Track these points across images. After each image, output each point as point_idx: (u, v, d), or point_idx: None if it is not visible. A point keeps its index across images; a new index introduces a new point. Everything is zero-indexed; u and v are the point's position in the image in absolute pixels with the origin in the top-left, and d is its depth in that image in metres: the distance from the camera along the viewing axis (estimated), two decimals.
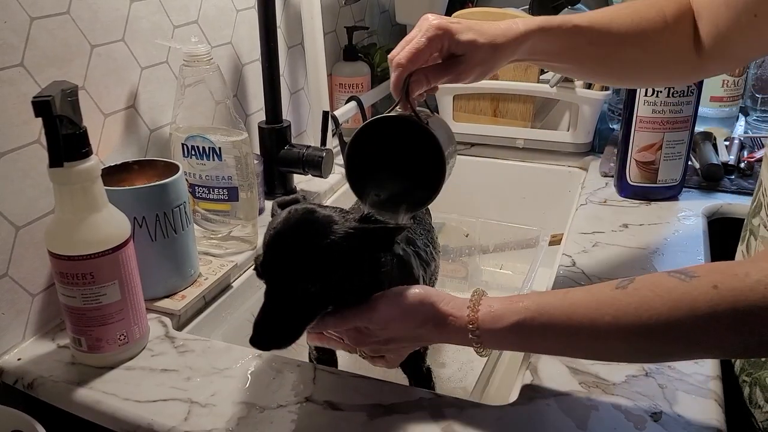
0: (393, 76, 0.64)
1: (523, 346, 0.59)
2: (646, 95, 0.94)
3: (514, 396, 0.63)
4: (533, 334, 0.55)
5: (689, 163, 1.01)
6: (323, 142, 1.07)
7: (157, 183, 0.73)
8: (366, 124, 0.66)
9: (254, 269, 0.58)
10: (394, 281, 0.64)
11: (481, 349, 0.58)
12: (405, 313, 0.59)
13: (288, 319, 0.57)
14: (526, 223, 1.11)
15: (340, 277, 0.57)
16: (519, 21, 0.68)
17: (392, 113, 0.66)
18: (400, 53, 0.64)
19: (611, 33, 0.69)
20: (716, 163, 1.06)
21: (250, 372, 0.66)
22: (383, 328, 0.59)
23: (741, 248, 0.70)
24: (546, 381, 0.63)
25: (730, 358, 0.60)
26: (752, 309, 0.46)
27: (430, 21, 0.64)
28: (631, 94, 0.96)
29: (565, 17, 0.70)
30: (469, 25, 0.66)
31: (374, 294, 0.60)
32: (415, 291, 0.60)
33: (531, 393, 0.61)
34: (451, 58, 0.66)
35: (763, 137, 1.22)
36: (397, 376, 0.71)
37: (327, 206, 0.61)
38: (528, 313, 0.55)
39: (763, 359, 0.63)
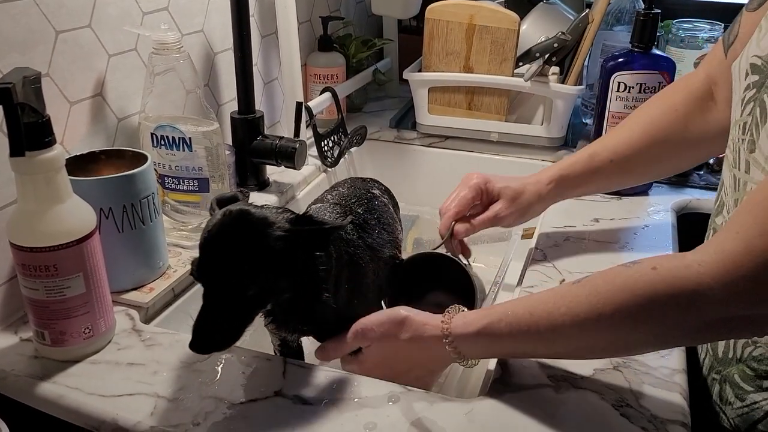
0: (441, 220, 0.80)
1: (494, 349, 0.61)
2: (618, 91, 0.95)
3: (483, 390, 0.63)
4: (501, 334, 0.58)
5: None
6: (297, 133, 1.06)
7: (125, 173, 0.71)
8: (418, 255, 0.80)
9: (190, 273, 0.58)
10: (341, 278, 0.65)
11: (461, 359, 0.61)
12: (381, 326, 0.63)
13: (227, 321, 0.57)
14: None
15: (277, 278, 0.58)
16: (542, 177, 0.82)
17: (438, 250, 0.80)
18: (446, 203, 0.81)
19: (632, 158, 0.79)
20: None
21: (218, 366, 0.65)
22: (367, 345, 0.64)
23: None
24: (515, 375, 0.63)
25: (682, 345, 0.62)
26: (687, 285, 0.48)
27: (473, 180, 0.81)
28: (604, 90, 0.97)
29: (575, 154, 0.83)
30: (497, 175, 0.82)
31: (313, 292, 0.63)
32: (392, 309, 0.65)
33: (500, 387, 0.62)
34: (491, 203, 0.81)
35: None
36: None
37: (264, 206, 0.61)
38: (496, 316, 0.58)
39: (730, 356, 0.65)
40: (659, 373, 0.63)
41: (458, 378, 0.76)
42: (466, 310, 0.62)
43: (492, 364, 0.66)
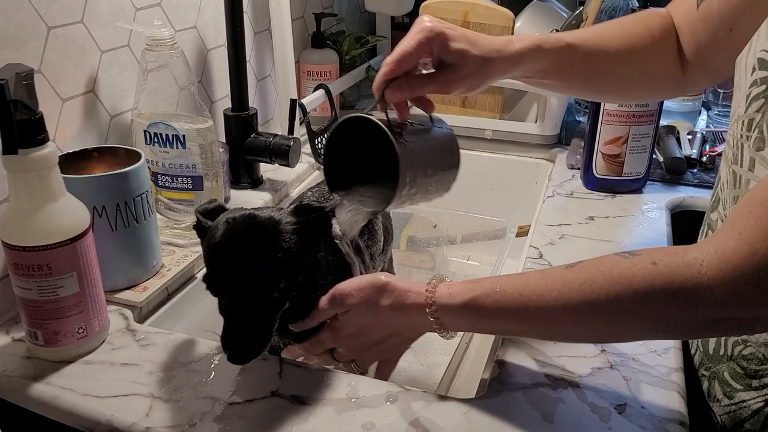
0: (377, 75, 0.62)
1: (479, 324, 0.60)
2: None
3: (481, 390, 0.63)
4: (488, 310, 0.57)
5: (653, 156, 1.02)
6: (291, 130, 1.05)
7: (118, 171, 0.71)
8: (345, 121, 0.62)
9: (207, 289, 0.57)
10: (329, 268, 0.65)
11: (442, 331, 0.60)
12: (362, 291, 0.61)
13: (256, 328, 0.57)
14: (493, 214, 1.11)
15: (296, 273, 0.58)
16: (515, 40, 0.67)
17: (371, 113, 0.61)
18: (390, 54, 0.61)
19: (602, 50, 0.70)
20: (679, 156, 1.07)
21: (214, 366, 0.64)
22: (347, 311, 0.61)
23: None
24: (513, 374, 0.63)
25: (673, 338, 0.62)
26: (686, 284, 0.48)
27: (423, 23, 0.61)
28: None
29: (558, 36, 0.70)
30: (464, 33, 0.63)
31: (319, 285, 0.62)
32: (373, 275, 0.62)
33: (498, 386, 0.62)
34: (441, 66, 0.63)
35: (724, 131, 1.24)
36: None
37: (260, 208, 0.61)
38: (482, 290, 0.57)
39: (720, 353, 0.65)
40: (657, 372, 0.63)
41: (456, 378, 0.76)
42: (449, 279, 0.61)
43: (490, 363, 0.66)
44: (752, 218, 0.47)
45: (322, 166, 0.66)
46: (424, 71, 0.64)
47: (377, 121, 0.60)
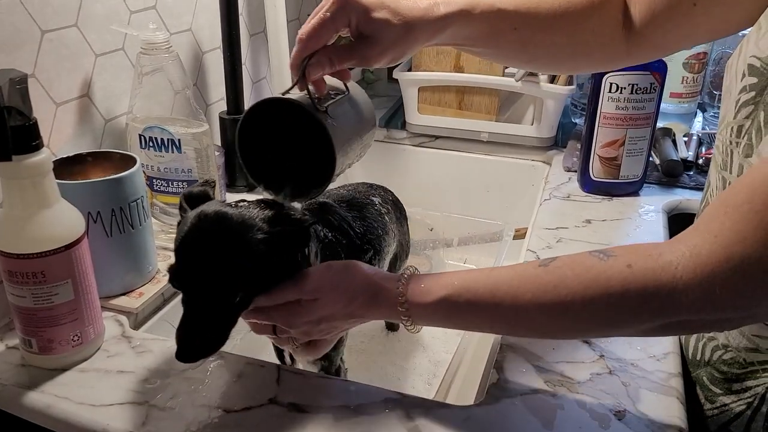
0: (293, 53, 0.58)
1: (450, 322, 0.59)
2: (610, 92, 0.95)
3: (480, 395, 0.63)
4: (459, 308, 0.56)
5: (650, 158, 1.02)
6: None
7: (114, 176, 0.70)
8: (256, 105, 0.60)
9: (169, 281, 0.56)
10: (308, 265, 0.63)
11: (410, 325, 0.58)
12: (336, 284, 0.58)
13: (212, 327, 0.56)
14: (489, 217, 1.11)
15: (260, 281, 0.56)
16: (441, 3, 0.61)
17: (289, 94, 0.58)
18: (304, 26, 0.57)
19: (537, 17, 0.65)
20: (676, 159, 1.07)
21: (211, 373, 0.64)
22: (315, 299, 0.58)
23: None
24: (511, 380, 0.63)
25: (640, 336, 0.61)
26: (662, 289, 0.47)
27: None
28: (596, 91, 0.96)
29: (488, 0, 0.64)
30: (383, 2, 0.57)
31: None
32: (346, 263, 0.60)
33: (497, 392, 0.61)
34: (361, 38, 0.58)
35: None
36: (363, 377, 0.71)
37: (237, 204, 0.58)
38: (454, 289, 0.55)
39: (698, 358, 0.65)
40: (655, 377, 0.63)
41: (456, 384, 0.75)
42: (419, 271, 0.60)
43: (488, 368, 0.66)
44: (727, 221, 0.46)
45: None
46: (343, 39, 0.60)
47: (299, 102, 0.57)
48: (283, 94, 0.59)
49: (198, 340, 0.55)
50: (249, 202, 0.59)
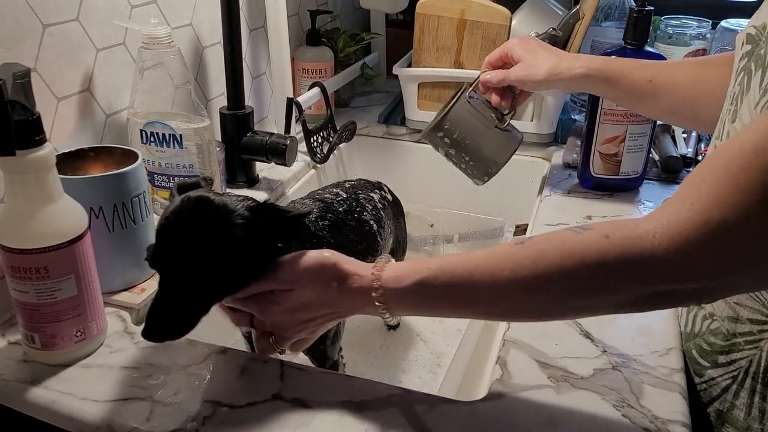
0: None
1: (427, 307, 0.57)
2: None
3: (483, 391, 0.63)
4: (436, 292, 0.55)
5: (650, 155, 1.02)
6: (287, 129, 1.04)
7: (116, 171, 0.70)
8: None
9: (145, 259, 0.56)
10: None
11: (386, 314, 0.57)
12: (308, 271, 0.58)
13: (182, 310, 0.56)
14: (490, 213, 1.11)
15: (236, 268, 0.56)
16: (573, 63, 0.81)
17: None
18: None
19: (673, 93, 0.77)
20: (675, 155, 1.08)
21: (214, 368, 0.64)
22: (289, 288, 0.58)
23: None
24: (515, 376, 0.63)
25: (624, 312, 0.59)
26: (640, 257, 0.47)
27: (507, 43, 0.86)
28: None
29: (628, 68, 0.80)
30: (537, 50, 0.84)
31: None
32: (319, 251, 0.59)
33: (501, 388, 0.61)
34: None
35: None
36: (366, 372, 0.71)
37: (225, 194, 0.59)
38: (431, 272, 0.55)
39: (688, 330, 0.66)
40: (658, 373, 0.63)
41: (459, 379, 0.75)
42: (393, 260, 0.59)
43: (491, 364, 0.66)
44: (704, 187, 0.46)
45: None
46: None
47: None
48: (458, 95, 0.89)
49: (167, 321, 0.56)
50: (240, 195, 0.60)
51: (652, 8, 0.93)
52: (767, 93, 0.52)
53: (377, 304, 0.56)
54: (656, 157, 1.11)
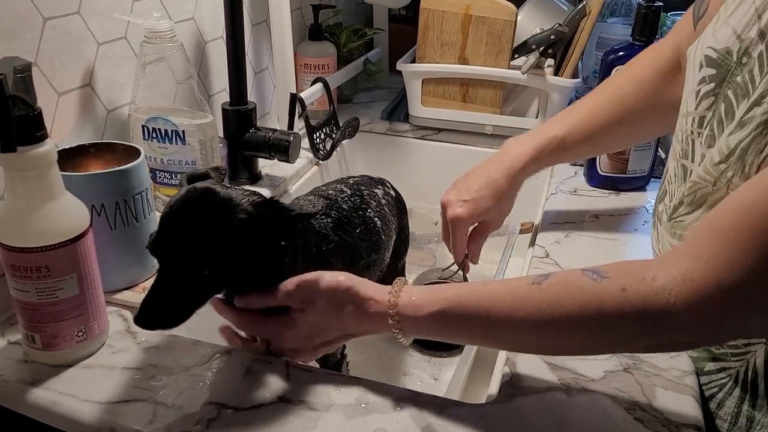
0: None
1: (442, 335, 0.59)
2: None
3: (492, 393, 0.62)
4: (452, 324, 0.56)
5: (657, 153, 1.01)
6: (291, 125, 1.03)
7: (118, 168, 0.68)
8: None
9: (147, 246, 0.56)
10: (298, 256, 0.63)
11: (401, 337, 0.59)
12: (324, 294, 0.59)
13: (178, 300, 0.56)
14: None
15: (235, 262, 0.56)
16: (512, 164, 0.83)
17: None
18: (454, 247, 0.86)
19: (595, 132, 0.80)
20: None
21: (219, 369, 0.63)
22: (303, 309, 0.59)
23: (653, 234, 0.71)
24: (525, 378, 0.62)
25: (638, 354, 0.64)
26: (656, 313, 0.48)
27: (457, 216, 0.83)
28: None
29: (547, 134, 0.81)
30: (477, 197, 0.83)
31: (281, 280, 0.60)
32: (334, 273, 0.60)
33: (510, 390, 0.60)
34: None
35: None
36: (368, 373, 0.69)
37: (232, 186, 0.59)
38: (447, 304, 0.56)
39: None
40: (670, 375, 0.62)
41: (469, 382, 0.74)
42: (409, 283, 0.60)
43: (500, 366, 0.65)
44: (716, 246, 0.47)
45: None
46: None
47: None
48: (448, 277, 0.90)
49: (161, 309, 0.55)
50: (247, 189, 0.59)
51: (661, 4, 0.91)
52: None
53: (394, 331, 0.58)
54: (663, 156, 1.09)
